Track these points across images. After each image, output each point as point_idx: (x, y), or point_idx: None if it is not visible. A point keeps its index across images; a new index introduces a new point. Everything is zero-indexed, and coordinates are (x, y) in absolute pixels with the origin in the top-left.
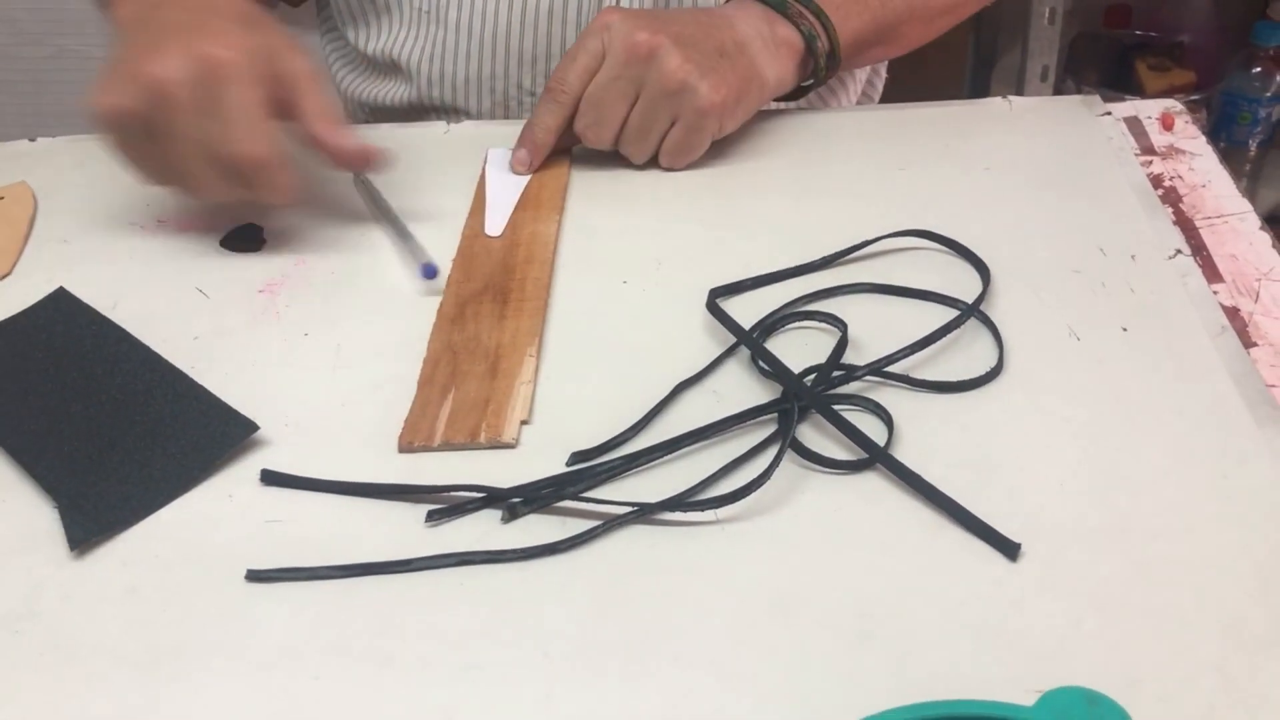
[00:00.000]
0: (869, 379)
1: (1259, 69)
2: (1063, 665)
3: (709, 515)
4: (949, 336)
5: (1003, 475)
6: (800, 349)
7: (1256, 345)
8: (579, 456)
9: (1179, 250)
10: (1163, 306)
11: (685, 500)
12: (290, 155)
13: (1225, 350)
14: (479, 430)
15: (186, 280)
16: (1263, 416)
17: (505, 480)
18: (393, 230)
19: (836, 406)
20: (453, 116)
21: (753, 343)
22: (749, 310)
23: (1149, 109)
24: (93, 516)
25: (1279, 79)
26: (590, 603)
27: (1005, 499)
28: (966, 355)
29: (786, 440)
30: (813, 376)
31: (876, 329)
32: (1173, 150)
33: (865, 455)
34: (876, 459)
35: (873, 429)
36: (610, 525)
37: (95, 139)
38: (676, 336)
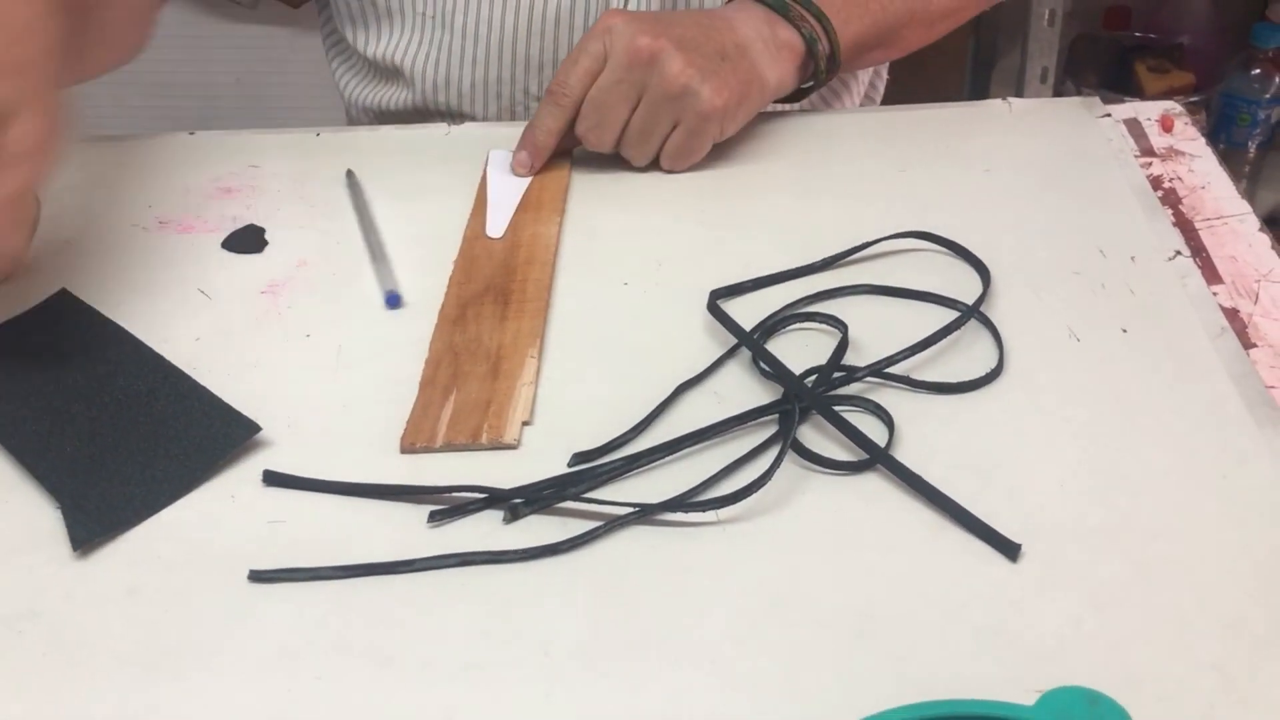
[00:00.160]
0: (869, 380)
1: (1258, 71)
2: (1063, 665)
3: (710, 516)
4: (949, 338)
5: (1003, 476)
6: (801, 350)
7: (1256, 346)
8: (580, 457)
9: (1178, 252)
10: (1162, 308)
11: (686, 501)
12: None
13: (1225, 351)
14: (481, 431)
15: (189, 281)
16: (1262, 417)
17: (507, 481)
18: (369, 247)
19: (837, 407)
20: (457, 121)
21: (754, 344)
22: (750, 311)
23: (1148, 111)
24: (95, 517)
25: (1278, 81)
26: (591, 603)
27: (1005, 499)
28: (967, 356)
29: (787, 441)
30: (813, 378)
31: (877, 330)
32: (1172, 152)
33: (866, 456)
34: (877, 460)
35: (873, 430)
36: (612, 526)
37: (96, 140)
38: (677, 337)
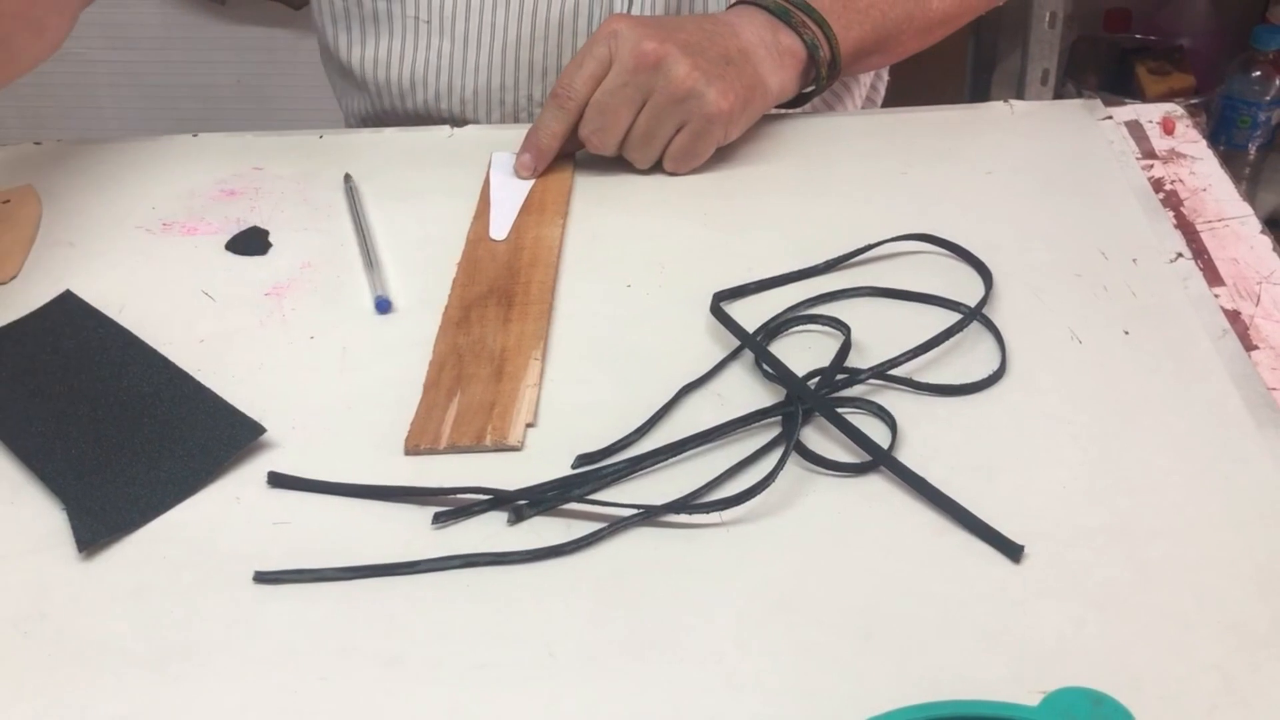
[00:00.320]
0: (872, 382)
1: (1258, 73)
2: (1066, 666)
3: (714, 517)
4: (952, 340)
5: (1005, 477)
6: (804, 352)
7: (1257, 348)
8: (584, 459)
9: (1180, 254)
10: (1164, 310)
11: (690, 502)
12: None
13: (1226, 353)
14: (484, 433)
15: (193, 283)
16: (1263, 419)
17: (511, 483)
18: (362, 251)
19: (840, 409)
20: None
21: (757, 346)
22: (753, 313)
23: (1150, 113)
24: (101, 518)
25: (1278, 83)
26: (596, 604)
27: (1008, 501)
28: (969, 358)
29: (791, 443)
30: (816, 379)
31: (880, 332)
32: (1174, 154)
33: (869, 458)
34: (880, 461)
35: (876, 432)
36: (616, 527)
37: (100, 141)
38: (680, 340)
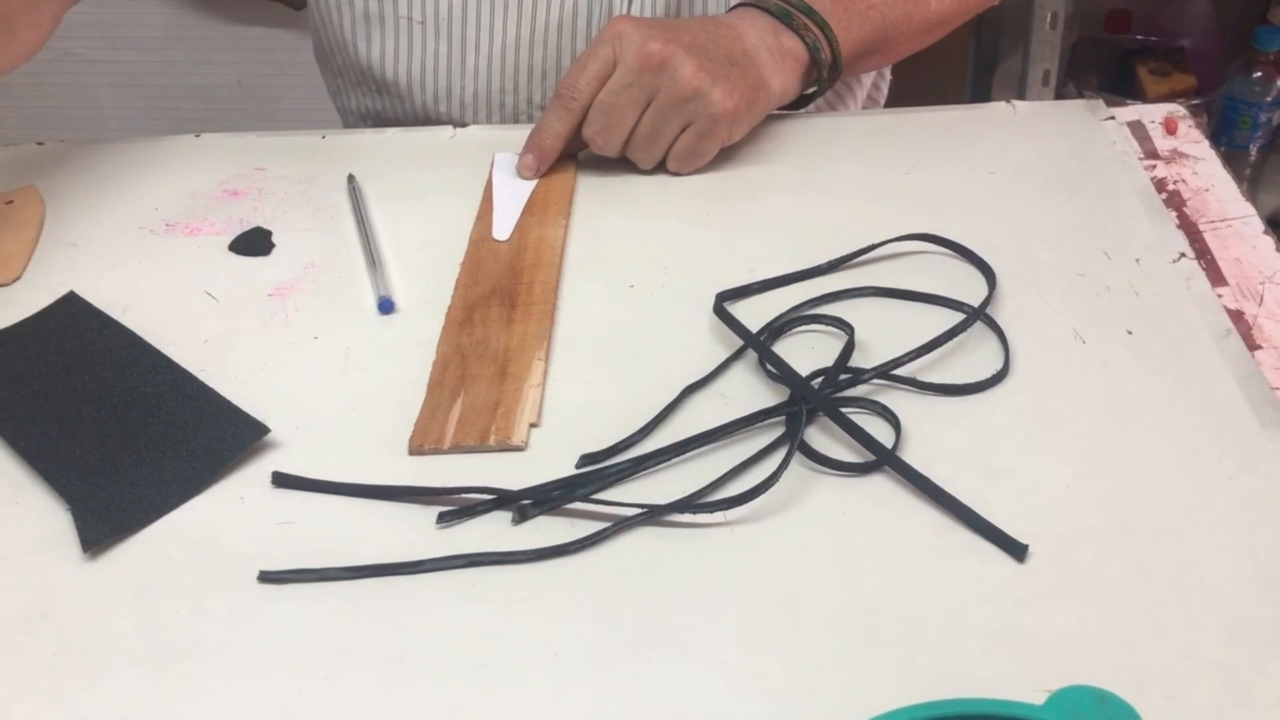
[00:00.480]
0: (876, 382)
1: (1259, 74)
2: (1070, 664)
3: (718, 517)
4: (955, 340)
5: (1009, 477)
6: (808, 352)
7: (1261, 348)
8: (588, 459)
9: (1183, 254)
10: (1167, 310)
11: (694, 502)
12: None
13: (1230, 353)
14: (488, 433)
15: (196, 284)
16: (1267, 419)
17: (515, 482)
18: (365, 251)
19: (844, 409)
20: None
21: (760, 346)
22: (756, 314)
23: (1152, 113)
24: (105, 518)
25: (1279, 84)
26: (600, 603)
27: (1012, 500)
28: (972, 358)
29: (795, 443)
30: (820, 379)
31: (883, 332)
32: (1176, 154)
33: (873, 457)
34: (884, 461)
35: (880, 431)
36: (620, 526)
37: (102, 142)
38: (684, 340)
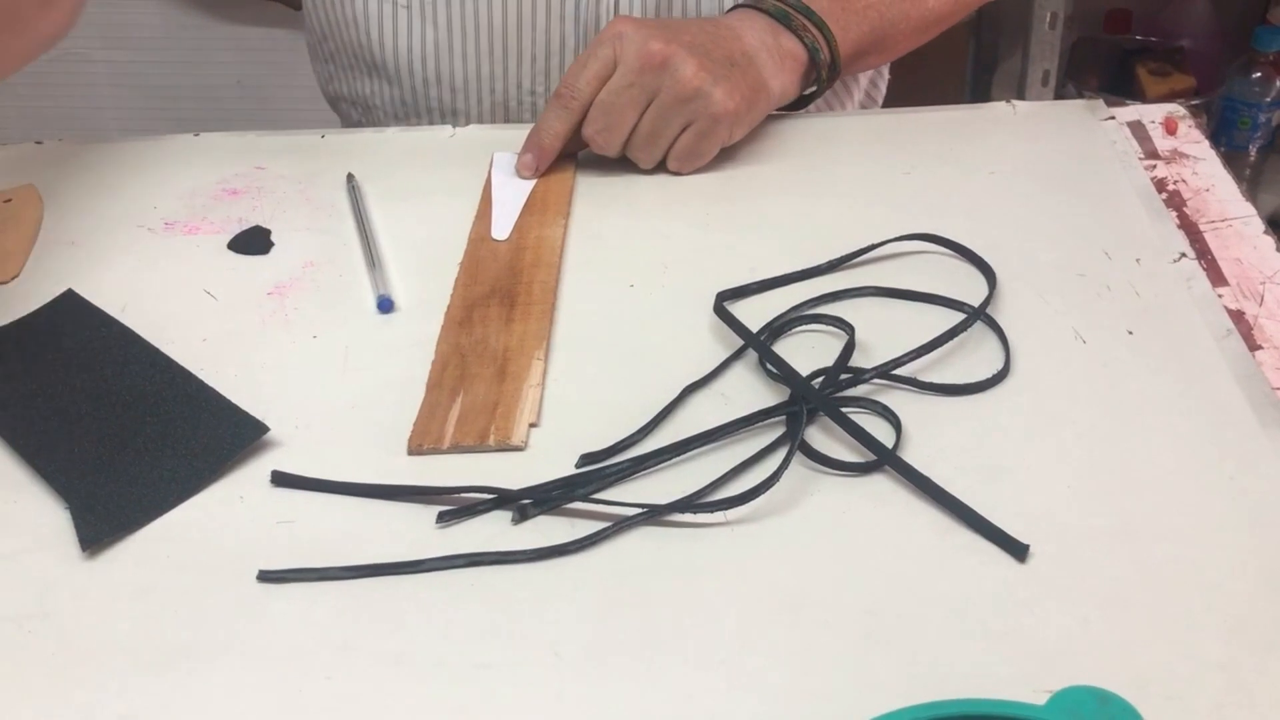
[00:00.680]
0: (876, 382)
1: (1259, 74)
2: (1072, 665)
3: (718, 517)
4: (956, 340)
5: (1010, 477)
6: (808, 352)
7: (1261, 348)
8: (588, 458)
9: (1183, 254)
10: (1168, 310)
11: (695, 502)
12: None
13: (1230, 353)
14: (488, 433)
15: (195, 283)
16: (1268, 419)
17: (514, 482)
18: (365, 250)
19: (844, 409)
20: (449, 119)
21: (760, 346)
22: (756, 313)
23: (1152, 113)
24: (104, 517)
25: (1278, 84)
26: (600, 603)
27: (1013, 500)
28: (973, 358)
29: (795, 442)
30: (821, 379)
31: (883, 332)
32: (1176, 154)
33: (874, 457)
34: (885, 461)
35: (881, 431)
36: (620, 526)
37: (101, 141)
38: (684, 340)
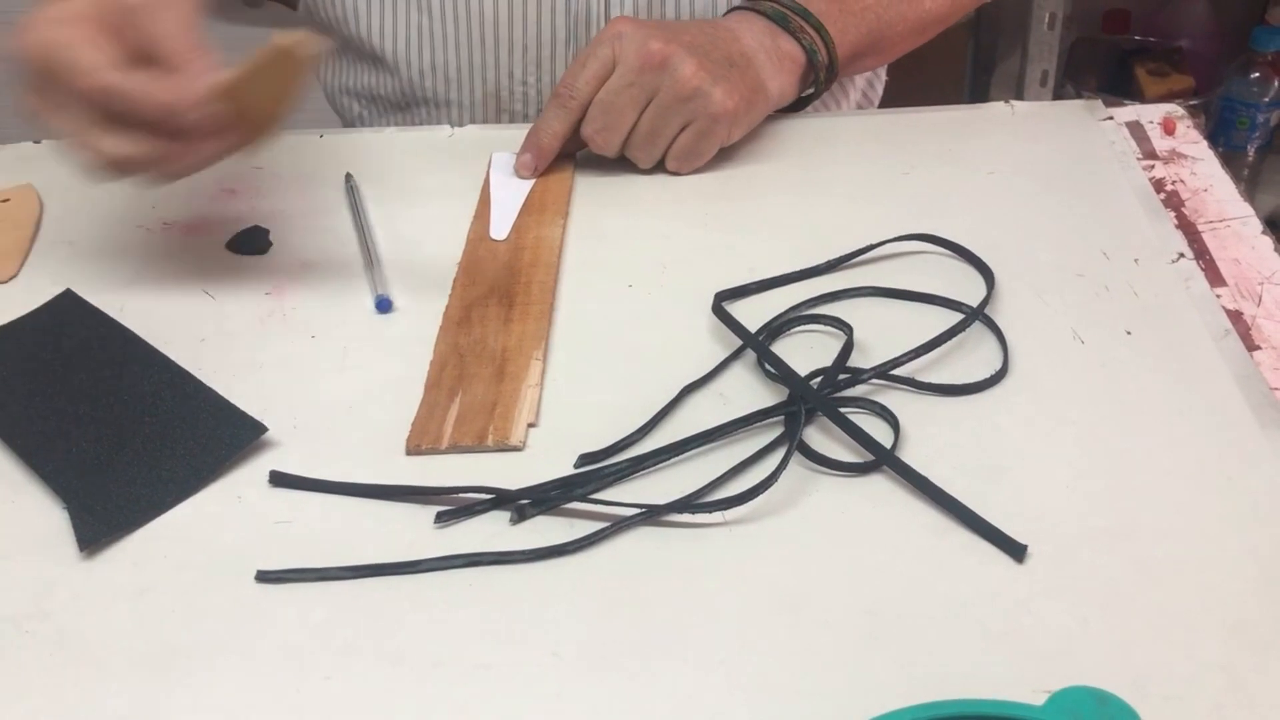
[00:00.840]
0: (875, 382)
1: (1257, 74)
2: (1070, 665)
3: (717, 517)
4: (954, 340)
5: (1008, 477)
6: (806, 352)
7: (1260, 349)
8: (586, 458)
9: (1182, 254)
10: (1166, 310)
11: (693, 502)
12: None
13: (1229, 353)
14: (486, 433)
15: (193, 282)
16: (1266, 419)
17: (513, 482)
18: (363, 250)
19: (843, 409)
20: (444, 109)
21: (759, 346)
22: (755, 313)
23: (1150, 113)
24: (102, 517)
25: (1277, 84)
26: (599, 603)
27: (1011, 501)
28: (971, 358)
29: (794, 443)
30: (819, 379)
31: (882, 332)
32: (1174, 154)
33: (872, 458)
34: (883, 461)
35: (879, 431)
36: (618, 526)
37: None
38: (682, 340)
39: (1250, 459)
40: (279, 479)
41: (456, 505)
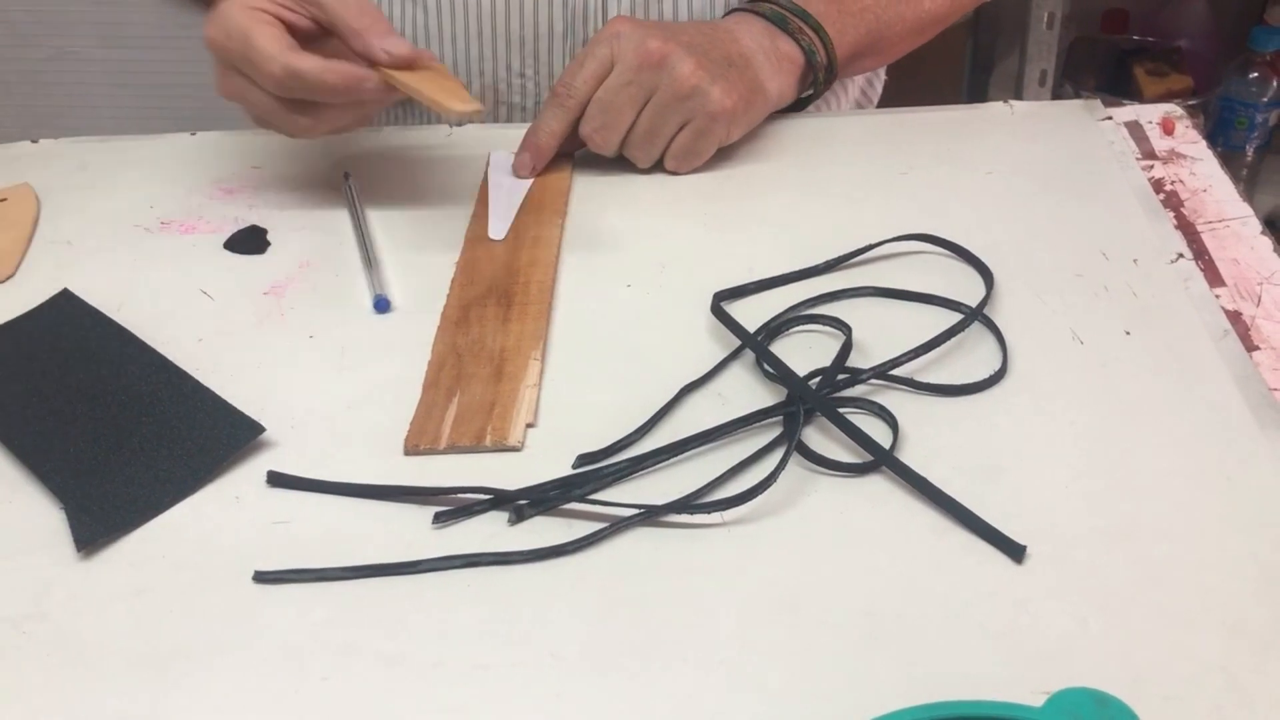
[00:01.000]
0: (873, 382)
1: (1256, 74)
2: (1069, 666)
3: (715, 517)
4: (953, 340)
5: (1007, 478)
6: (805, 352)
7: (1259, 349)
8: (585, 459)
9: (1181, 254)
10: (1165, 310)
11: (692, 502)
12: (328, 71)
13: (1228, 354)
14: (484, 433)
15: (191, 282)
16: (1265, 419)
17: (511, 483)
18: (361, 250)
19: (841, 409)
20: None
21: (758, 346)
22: (753, 313)
23: (1149, 113)
24: (99, 518)
25: (1275, 84)
26: (598, 604)
27: (1010, 501)
28: (970, 359)
29: (792, 443)
30: (818, 379)
31: (880, 332)
32: (1174, 155)
33: (871, 458)
34: (882, 461)
35: (878, 432)
36: (617, 527)
37: (97, 140)
38: (681, 339)
39: (1249, 459)
40: (276, 479)
41: (455, 506)
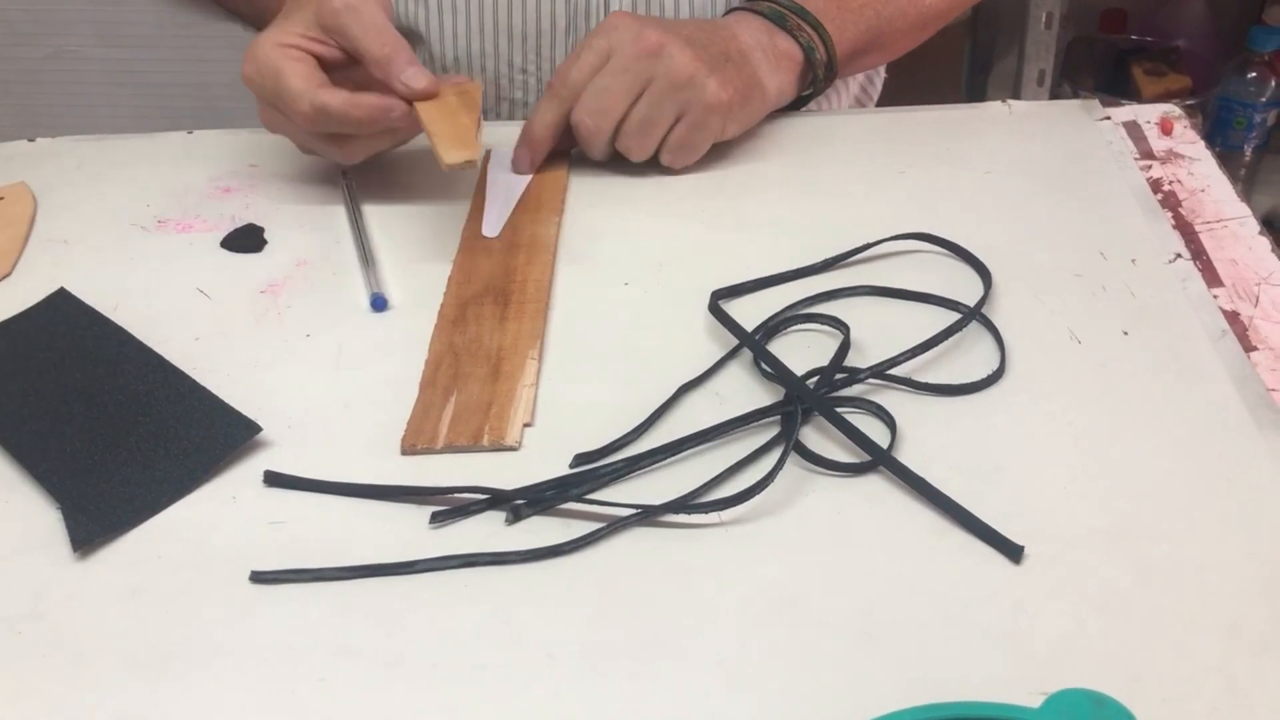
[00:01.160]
0: (871, 381)
1: (1254, 74)
2: (1067, 667)
3: (713, 517)
4: (951, 339)
5: (1005, 478)
6: (803, 351)
7: (1256, 349)
8: (582, 458)
9: (1179, 254)
10: (1163, 310)
11: (689, 502)
12: (354, 104)
13: (1226, 354)
14: (482, 433)
15: (188, 281)
16: (1263, 420)
17: (508, 482)
18: (358, 248)
19: (839, 409)
20: None
21: (755, 345)
22: (751, 312)
23: (1148, 113)
24: (95, 518)
25: (1274, 84)
26: (595, 604)
27: (1008, 501)
28: (968, 358)
29: (790, 443)
30: (815, 379)
31: (879, 332)
32: (1172, 155)
33: (868, 458)
34: (880, 461)
35: (875, 431)
36: (614, 527)
37: (94, 138)
38: (679, 338)
39: (1247, 460)
40: (273, 479)
41: (452, 505)
